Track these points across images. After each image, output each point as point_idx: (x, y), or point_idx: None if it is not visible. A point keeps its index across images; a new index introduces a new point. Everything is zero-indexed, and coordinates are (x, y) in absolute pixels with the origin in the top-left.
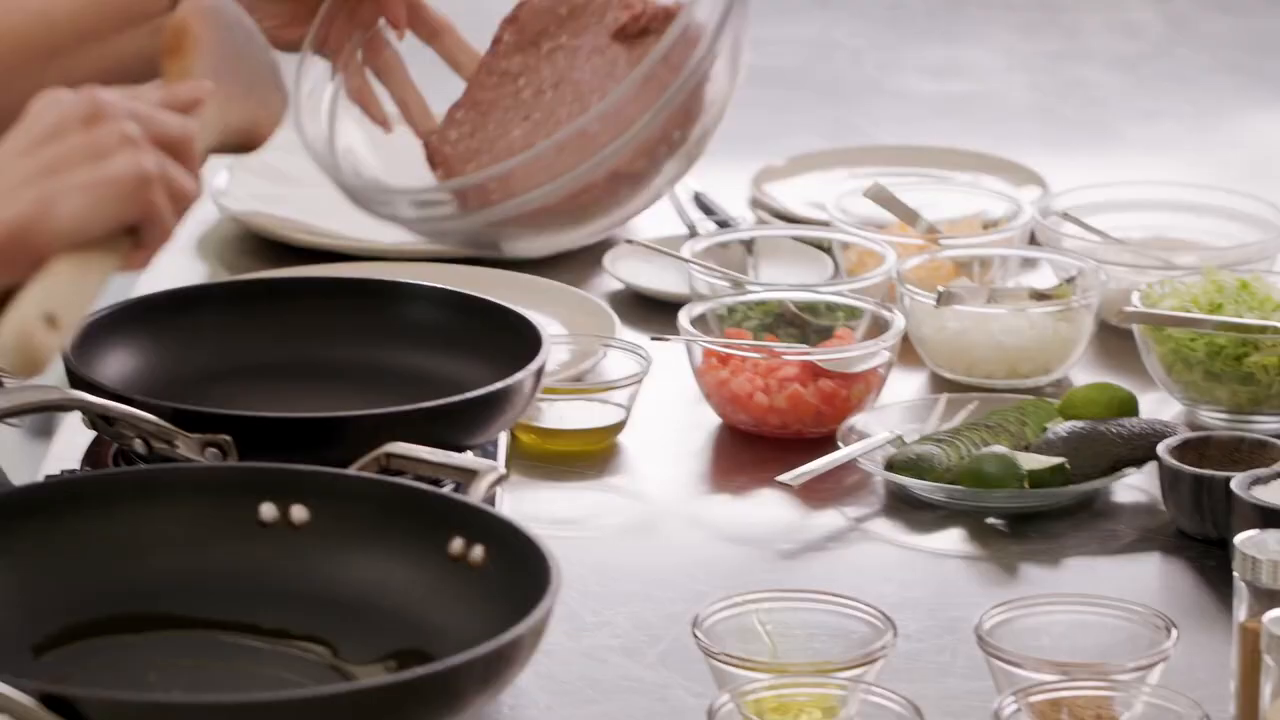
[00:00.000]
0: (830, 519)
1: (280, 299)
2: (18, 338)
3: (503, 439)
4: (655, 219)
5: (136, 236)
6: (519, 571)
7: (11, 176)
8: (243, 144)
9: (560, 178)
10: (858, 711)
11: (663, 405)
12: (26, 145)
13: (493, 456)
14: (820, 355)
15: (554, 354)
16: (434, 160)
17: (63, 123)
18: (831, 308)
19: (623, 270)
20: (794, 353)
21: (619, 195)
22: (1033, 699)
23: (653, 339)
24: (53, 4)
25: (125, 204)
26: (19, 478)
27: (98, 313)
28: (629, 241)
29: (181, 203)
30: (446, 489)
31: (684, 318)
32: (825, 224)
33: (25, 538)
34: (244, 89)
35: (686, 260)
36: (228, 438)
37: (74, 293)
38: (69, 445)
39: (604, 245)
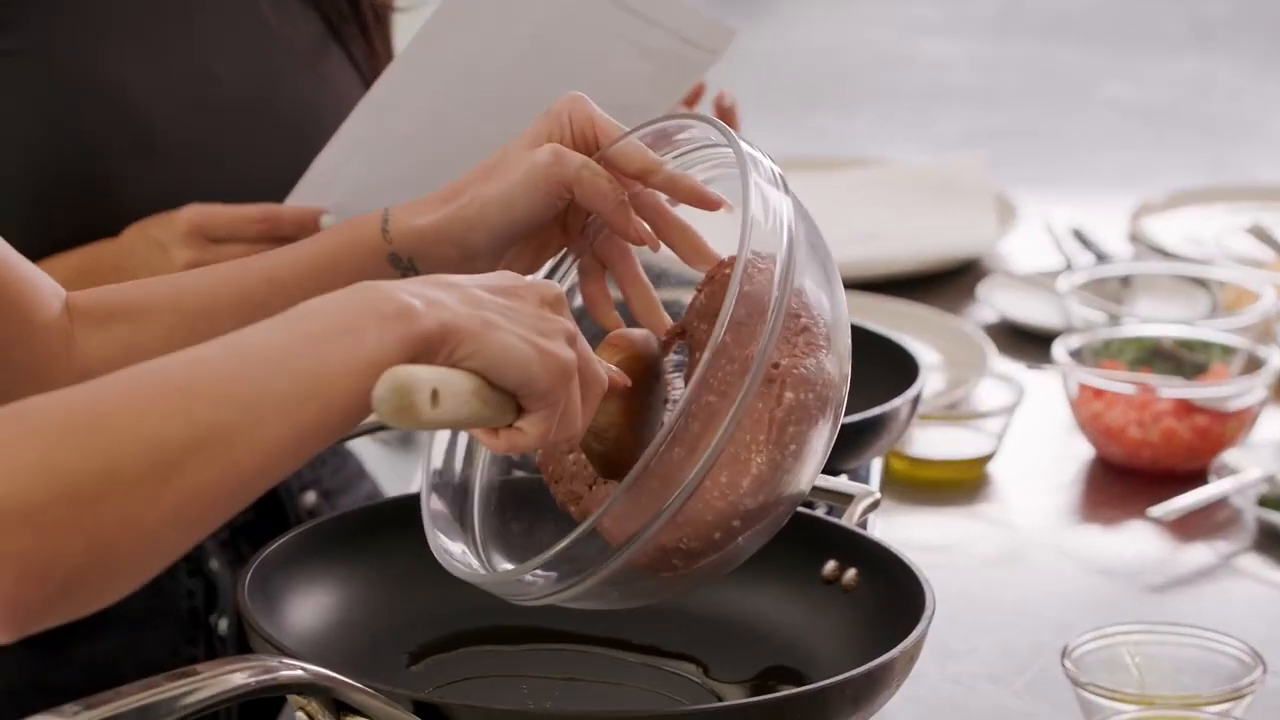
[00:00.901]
0: (1200, 554)
1: None
2: (400, 386)
3: (876, 464)
4: (1031, 251)
5: (517, 418)
6: (891, 596)
7: (471, 296)
8: (607, 468)
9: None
10: None
11: (1034, 436)
12: (487, 284)
13: (866, 481)
14: (1196, 391)
15: (929, 382)
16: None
17: (524, 289)
18: (1207, 344)
19: (998, 300)
20: (1169, 388)
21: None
22: None
23: (1028, 368)
24: (277, 266)
25: (539, 371)
26: (391, 490)
27: None
28: (1005, 272)
29: (563, 430)
30: (820, 512)
31: (1059, 349)
32: (1203, 260)
33: (401, 548)
34: (634, 424)
35: (1064, 293)
36: None
37: (463, 395)
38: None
39: (978, 274)
